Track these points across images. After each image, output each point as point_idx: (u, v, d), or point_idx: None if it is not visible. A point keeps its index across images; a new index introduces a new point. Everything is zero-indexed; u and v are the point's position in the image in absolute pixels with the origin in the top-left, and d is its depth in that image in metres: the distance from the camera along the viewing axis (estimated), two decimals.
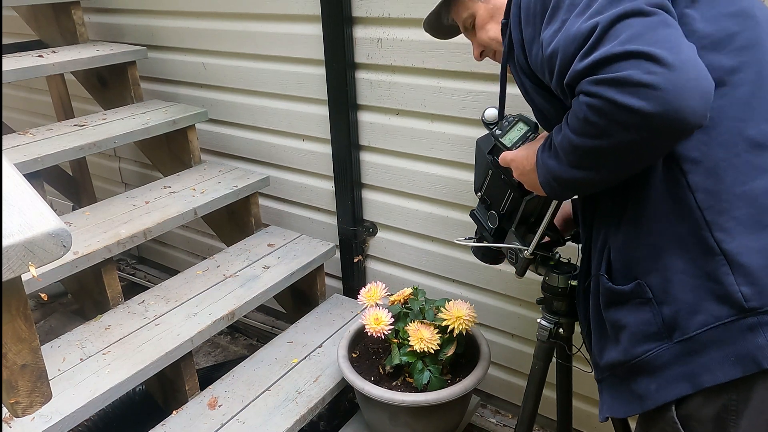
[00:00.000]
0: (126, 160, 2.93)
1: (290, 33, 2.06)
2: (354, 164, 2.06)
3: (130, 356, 1.61)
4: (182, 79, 2.48)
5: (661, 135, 0.75)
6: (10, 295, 0.68)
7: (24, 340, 0.70)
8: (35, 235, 0.65)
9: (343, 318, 2.08)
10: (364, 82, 1.94)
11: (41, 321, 2.74)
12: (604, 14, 0.76)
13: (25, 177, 0.81)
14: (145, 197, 2.09)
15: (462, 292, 2.01)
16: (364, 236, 2.19)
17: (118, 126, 2.16)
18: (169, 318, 1.78)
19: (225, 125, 2.44)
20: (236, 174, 2.27)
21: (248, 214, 2.26)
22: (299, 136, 2.22)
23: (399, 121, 1.92)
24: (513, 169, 1.04)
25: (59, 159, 1.96)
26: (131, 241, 1.84)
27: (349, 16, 1.86)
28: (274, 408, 1.69)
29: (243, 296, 1.87)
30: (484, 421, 2.11)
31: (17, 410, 0.73)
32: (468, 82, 1.73)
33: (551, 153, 0.89)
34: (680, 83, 0.71)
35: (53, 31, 2.49)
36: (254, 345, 2.61)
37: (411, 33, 1.78)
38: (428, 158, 1.90)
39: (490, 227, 1.26)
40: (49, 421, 1.40)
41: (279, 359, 1.88)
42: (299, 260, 2.08)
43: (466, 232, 1.72)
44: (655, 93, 0.71)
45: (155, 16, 2.44)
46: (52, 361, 1.60)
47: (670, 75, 0.71)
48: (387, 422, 1.67)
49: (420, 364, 1.61)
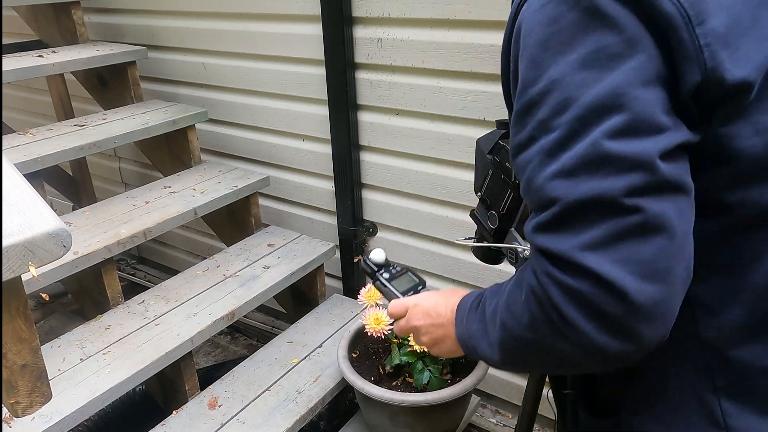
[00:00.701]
0: (126, 160, 2.93)
1: (290, 33, 2.06)
2: (354, 164, 2.06)
3: (130, 356, 1.61)
4: (182, 79, 2.48)
5: (597, 360, 0.63)
6: (10, 295, 0.68)
7: (24, 340, 0.70)
8: (35, 235, 0.65)
9: (343, 318, 2.08)
10: (364, 82, 1.94)
11: (41, 321, 2.74)
12: (571, 182, 0.59)
13: (25, 177, 0.81)
14: (145, 197, 2.09)
15: None
16: (364, 236, 2.19)
17: (118, 126, 2.16)
18: (169, 318, 1.78)
19: (225, 125, 2.44)
20: (236, 174, 2.27)
21: (248, 214, 2.26)
22: (299, 136, 2.22)
23: (399, 121, 1.92)
24: (412, 318, 0.87)
25: (59, 159, 1.96)
26: (131, 241, 1.84)
27: (349, 16, 1.86)
28: (274, 408, 1.69)
29: (243, 296, 1.87)
30: (484, 421, 2.11)
31: (17, 410, 0.73)
32: (468, 82, 1.73)
33: (477, 316, 0.75)
34: (642, 319, 0.58)
35: (53, 31, 2.49)
36: (254, 345, 2.61)
37: (411, 33, 1.78)
38: (428, 158, 1.90)
39: (490, 227, 1.26)
40: (49, 421, 1.40)
41: (279, 359, 1.88)
42: (299, 260, 2.08)
43: (466, 232, 1.72)
44: (608, 323, 0.59)
45: (155, 16, 2.44)
46: (52, 361, 1.59)
47: (629, 314, 0.58)
48: (387, 422, 1.67)
49: (420, 364, 1.61)
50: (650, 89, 0.59)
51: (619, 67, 0.59)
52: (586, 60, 0.60)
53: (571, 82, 0.60)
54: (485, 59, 1.67)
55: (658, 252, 0.57)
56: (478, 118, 1.74)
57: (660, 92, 0.60)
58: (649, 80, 0.59)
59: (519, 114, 0.65)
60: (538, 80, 0.62)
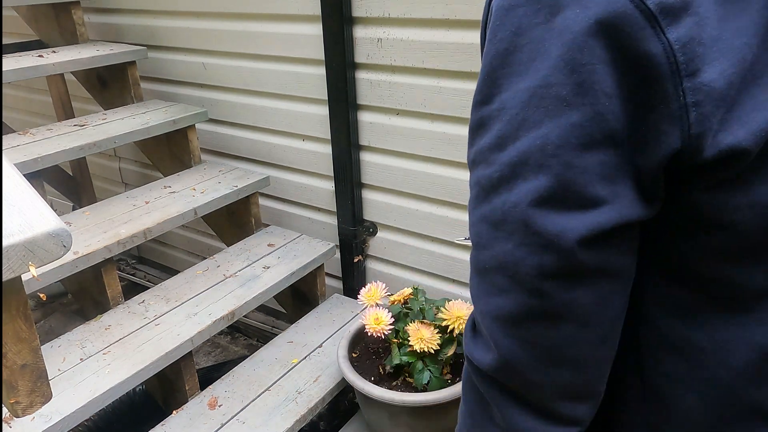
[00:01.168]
0: (126, 160, 2.93)
1: (290, 33, 2.06)
2: (354, 164, 2.06)
3: (130, 356, 1.61)
4: (182, 79, 2.48)
5: None
6: (10, 295, 0.68)
7: (24, 340, 0.70)
8: (35, 235, 0.65)
9: (343, 318, 2.08)
10: (364, 82, 1.94)
11: (41, 321, 2.74)
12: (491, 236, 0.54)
13: (25, 177, 0.81)
14: (145, 197, 2.09)
15: (462, 292, 2.01)
16: (364, 236, 2.19)
17: (118, 126, 2.16)
18: (169, 318, 1.78)
19: (225, 125, 2.44)
20: (236, 174, 2.27)
21: (248, 214, 2.26)
22: (299, 136, 2.22)
23: (399, 121, 1.92)
24: None
25: (59, 159, 1.95)
26: (131, 241, 1.84)
27: (349, 16, 1.86)
28: (274, 408, 1.69)
29: (243, 296, 1.87)
30: None
31: (17, 410, 0.73)
32: (468, 82, 1.73)
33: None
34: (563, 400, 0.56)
35: (53, 31, 2.49)
36: (254, 345, 2.61)
37: (411, 33, 1.78)
38: (428, 158, 1.90)
39: None
40: (49, 421, 1.40)
41: (279, 359, 1.88)
42: (299, 260, 2.08)
43: (466, 232, 1.72)
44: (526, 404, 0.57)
45: (155, 16, 2.44)
46: (52, 361, 1.59)
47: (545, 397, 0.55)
48: (387, 422, 1.67)
49: (420, 364, 1.61)
50: (591, 152, 0.48)
51: (559, 117, 0.49)
52: (534, 94, 0.50)
53: (515, 116, 0.51)
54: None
55: (565, 340, 0.52)
56: None
57: (606, 156, 0.48)
58: (592, 141, 0.48)
59: (471, 127, 0.59)
60: (491, 100, 0.54)
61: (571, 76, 0.47)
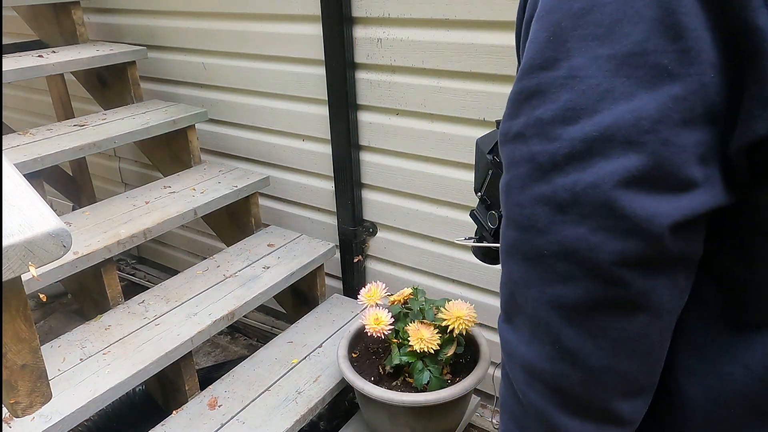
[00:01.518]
0: (126, 160, 2.93)
1: (290, 33, 2.06)
2: (354, 164, 2.06)
3: (130, 356, 1.61)
4: (182, 79, 2.48)
5: None
6: (10, 295, 0.68)
7: (24, 340, 0.70)
8: (35, 235, 0.65)
9: (343, 318, 2.08)
10: (364, 82, 1.94)
11: (41, 321, 2.74)
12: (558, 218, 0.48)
13: (25, 177, 0.81)
14: (145, 197, 2.09)
15: (462, 292, 2.01)
16: (364, 236, 2.19)
17: (118, 126, 2.16)
18: (169, 318, 1.78)
19: (225, 125, 2.44)
20: (236, 174, 2.27)
21: (248, 214, 2.26)
22: (299, 136, 2.22)
23: (399, 121, 1.92)
24: None
25: (59, 159, 1.95)
26: (131, 241, 1.84)
27: (349, 16, 1.86)
28: (274, 408, 1.69)
29: (243, 296, 1.87)
30: (484, 421, 2.11)
31: (17, 410, 0.73)
32: (468, 82, 1.73)
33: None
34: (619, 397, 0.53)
35: (53, 31, 2.49)
36: (254, 345, 2.61)
37: (411, 33, 1.78)
38: (428, 158, 1.90)
39: (490, 227, 1.26)
40: (49, 421, 1.40)
41: (279, 359, 1.88)
42: (299, 260, 2.08)
43: (466, 232, 1.72)
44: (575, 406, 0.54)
45: (155, 16, 2.44)
46: (52, 361, 1.59)
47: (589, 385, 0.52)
48: (387, 422, 1.67)
49: (420, 364, 1.61)
50: (691, 130, 0.44)
51: (659, 89, 0.44)
52: (623, 62, 0.45)
53: (594, 87, 0.46)
54: (485, 59, 1.67)
55: (637, 331, 0.49)
56: (478, 118, 1.74)
57: (704, 134, 0.44)
58: (693, 117, 0.44)
59: (519, 95, 0.51)
60: (555, 65, 0.48)
61: (674, 42, 0.43)
